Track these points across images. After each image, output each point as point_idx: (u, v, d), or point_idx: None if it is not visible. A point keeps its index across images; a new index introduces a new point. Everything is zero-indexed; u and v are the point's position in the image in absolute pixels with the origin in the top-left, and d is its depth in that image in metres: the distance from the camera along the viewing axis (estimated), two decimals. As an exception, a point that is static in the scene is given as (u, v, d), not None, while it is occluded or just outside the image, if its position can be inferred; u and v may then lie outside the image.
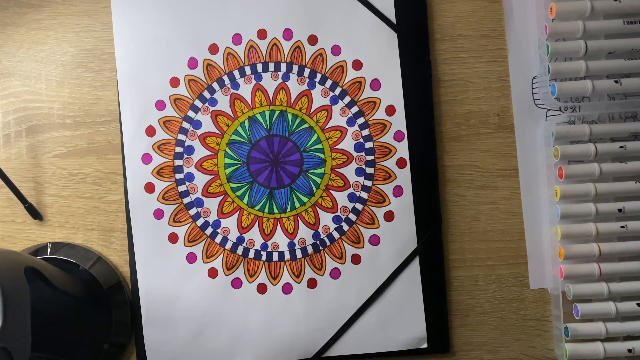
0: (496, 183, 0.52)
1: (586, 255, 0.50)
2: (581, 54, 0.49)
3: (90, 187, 0.52)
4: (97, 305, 0.50)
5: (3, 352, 0.35)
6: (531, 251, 0.52)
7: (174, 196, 0.51)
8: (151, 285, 0.51)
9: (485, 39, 0.52)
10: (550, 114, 0.52)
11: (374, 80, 0.51)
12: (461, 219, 0.52)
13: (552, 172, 0.51)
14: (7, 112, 0.52)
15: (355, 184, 0.51)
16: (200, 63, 0.51)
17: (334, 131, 0.51)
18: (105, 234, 0.52)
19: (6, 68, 0.52)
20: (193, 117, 0.51)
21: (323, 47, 0.51)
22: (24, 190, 0.51)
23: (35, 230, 0.52)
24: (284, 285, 0.51)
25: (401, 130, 0.51)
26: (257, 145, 0.51)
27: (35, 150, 0.52)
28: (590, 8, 0.48)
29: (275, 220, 0.51)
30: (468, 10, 0.52)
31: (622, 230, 0.49)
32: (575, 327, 0.50)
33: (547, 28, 0.49)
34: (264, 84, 0.51)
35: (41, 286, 0.43)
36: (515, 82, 0.52)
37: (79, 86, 0.52)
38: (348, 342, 0.51)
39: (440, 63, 0.52)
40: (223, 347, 0.51)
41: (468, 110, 0.52)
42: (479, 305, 0.52)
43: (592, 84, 0.49)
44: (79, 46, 0.52)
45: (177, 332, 0.51)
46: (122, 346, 0.51)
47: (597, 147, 0.49)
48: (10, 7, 0.52)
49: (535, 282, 0.52)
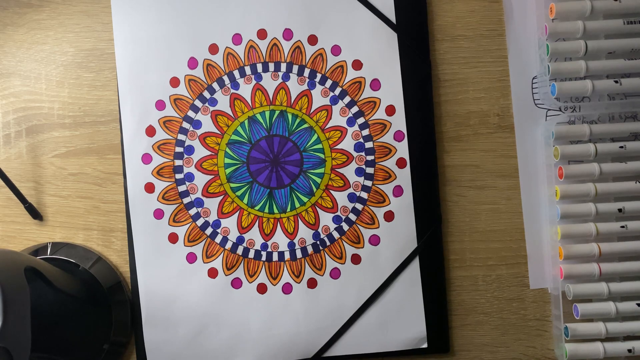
0: (496, 183, 0.52)
1: (586, 255, 0.50)
2: (581, 54, 0.49)
3: (90, 187, 0.52)
4: (97, 305, 0.50)
5: (3, 352, 0.35)
6: (531, 251, 0.52)
7: (174, 196, 0.51)
8: (151, 285, 0.51)
9: (485, 39, 0.52)
10: (550, 114, 0.52)
11: (374, 80, 0.51)
12: (461, 219, 0.52)
13: (552, 172, 0.51)
14: (7, 112, 0.52)
15: (355, 184, 0.51)
16: (200, 63, 0.51)
17: (334, 131, 0.51)
18: (105, 234, 0.52)
19: (6, 68, 0.53)
20: (193, 117, 0.51)
21: (323, 47, 0.51)
22: (24, 190, 0.51)
23: (35, 230, 0.52)
24: (284, 285, 0.51)
25: (401, 130, 0.51)
26: (257, 145, 0.51)
27: (35, 150, 0.52)
28: (590, 8, 0.48)
29: (275, 220, 0.51)
30: (468, 10, 0.52)
31: (622, 230, 0.49)
32: (575, 327, 0.50)
33: (547, 28, 0.49)
34: (264, 84, 0.51)
35: (41, 286, 0.43)
36: (515, 82, 0.52)
37: (79, 86, 0.52)
38: (348, 342, 0.51)
39: (440, 63, 0.52)
40: (223, 347, 0.51)
41: (468, 110, 0.52)
42: (479, 305, 0.52)
43: (592, 84, 0.49)
44: (79, 46, 0.52)
45: (177, 332, 0.51)
46: (122, 346, 0.51)
47: (597, 147, 0.49)
48: (10, 7, 0.52)
49: (535, 282, 0.52)
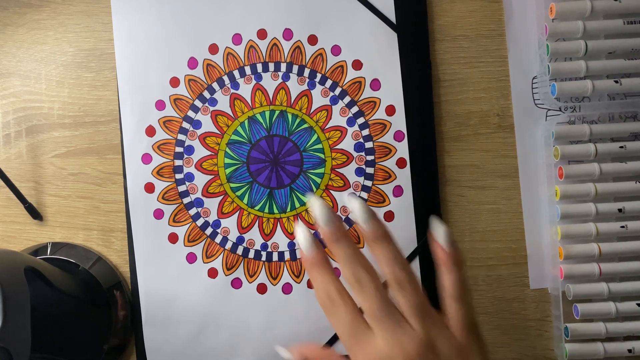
0: (496, 183, 0.52)
1: (586, 255, 0.50)
2: (581, 54, 0.49)
3: (90, 187, 0.52)
4: (97, 305, 0.50)
5: (3, 352, 0.35)
6: (531, 251, 0.52)
7: (174, 196, 0.51)
8: (151, 285, 0.51)
9: (485, 39, 0.52)
10: (550, 114, 0.52)
11: (374, 80, 0.51)
12: (461, 219, 0.52)
13: (552, 172, 0.51)
14: (7, 112, 0.52)
15: (355, 184, 0.51)
16: (200, 63, 0.51)
17: (334, 131, 0.51)
18: (105, 234, 0.52)
19: (6, 68, 0.53)
20: (193, 117, 0.51)
21: (323, 47, 0.51)
22: (24, 190, 0.51)
23: (35, 230, 0.52)
24: (284, 285, 0.51)
25: (401, 130, 0.51)
26: (257, 145, 0.51)
27: (35, 150, 0.52)
28: (590, 8, 0.48)
29: (275, 220, 0.51)
30: (468, 10, 0.52)
31: (622, 230, 0.49)
32: (575, 327, 0.50)
33: (547, 28, 0.49)
34: (264, 84, 0.51)
35: (41, 286, 0.43)
36: (515, 82, 0.52)
37: (79, 86, 0.52)
38: (348, 342, 0.51)
39: (440, 63, 0.52)
40: (223, 347, 0.51)
41: (468, 110, 0.52)
42: (479, 305, 0.52)
43: (592, 84, 0.49)
44: (79, 46, 0.52)
45: (177, 332, 0.51)
46: (122, 346, 0.51)
47: (597, 147, 0.49)
48: (10, 7, 0.52)
49: (535, 282, 0.52)
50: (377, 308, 0.32)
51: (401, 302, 0.33)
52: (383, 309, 0.32)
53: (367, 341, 0.32)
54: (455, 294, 0.34)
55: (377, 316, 0.32)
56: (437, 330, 0.32)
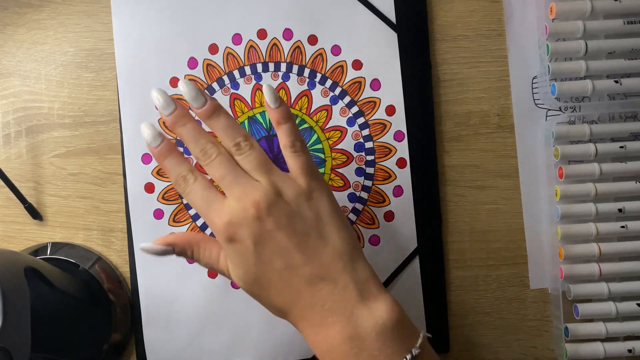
0: (496, 183, 0.52)
1: (586, 255, 0.50)
2: (581, 54, 0.49)
3: (90, 187, 0.52)
4: (97, 305, 0.50)
5: (3, 352, 0.35)
6: (531, 251, 0.52)
7: (174, 196, 0.51)
8: (151, 285, 0.51)
9: (485, 39, 0.52)
10: (550, 114, 0.52)
11: (374, 80, 0.51)
12: (461, 219, 0.52)
13: (552, 172, 0.51)
14: (7, 112, 0.52)
15: (355, 184, 0.51)
16: (200, 63, 0.51)
17: (334, 131, 0.51)
18: (105, 234, 0.52)
19: (6, 68, 0.53)
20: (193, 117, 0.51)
21: (323, 47, 0.51)
22: (24, 190, 0.51)
23: (35, 230, 0.52)
24: (284, 285, 0.51)
25: (401, 130, 0.51)
26: (257, 145, 0.51)
27: (35, 150, 0.52)
28: (590, 8, 0.48)
29: (275, 220, 0.51)
30: (468, 10, 0.52)
31: (622, 230, 0.49)
32: (575, 327, 0.50)
33: (547, 28, 0.49)
34: (264, 84, 0.51)
35: (41, 286, 0.43)
36: (515, 82, 0.52)
37: (79, 86, 0.52)
38: (348, 342, 0.51)
39: (440, 63, 0.52)
40: (223, 347, 0.51)
41: (468, 110, 0.52)
42: (479, 305, 0.52)
43: (592, 84, 0.49)
44: (79, 46, 0.52)
45: (177, 332, 0.51)
46: (122, 346, 0.51)
47: (597, 147, 0.49)
48: (10, 7, 0.52)
49: (535, 282, 0.52)
50: (224, 173, 0.36)
51: (244, 163, 0.36)
52: (230, 173, 0.36)
53: (221, 205, 0.35)
54: (289, 143, 0.38)
55: (227, 180, 0.36)
56: (281, 180, 0.36)
